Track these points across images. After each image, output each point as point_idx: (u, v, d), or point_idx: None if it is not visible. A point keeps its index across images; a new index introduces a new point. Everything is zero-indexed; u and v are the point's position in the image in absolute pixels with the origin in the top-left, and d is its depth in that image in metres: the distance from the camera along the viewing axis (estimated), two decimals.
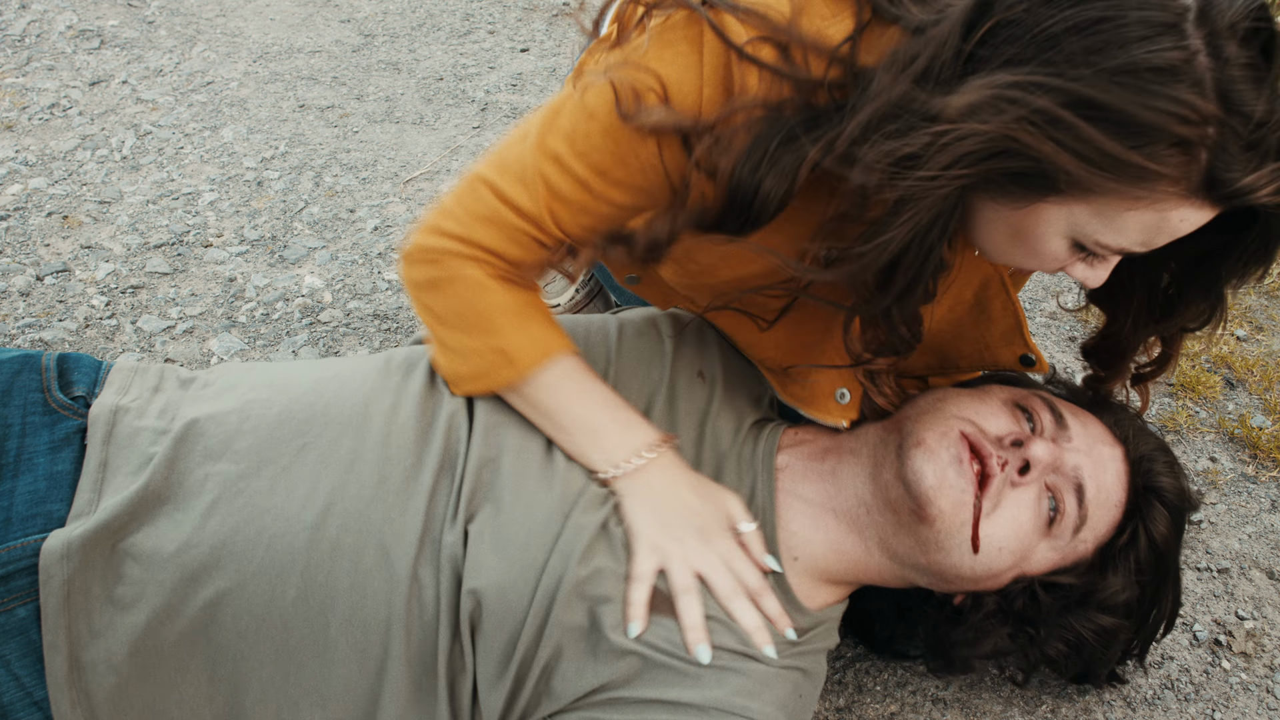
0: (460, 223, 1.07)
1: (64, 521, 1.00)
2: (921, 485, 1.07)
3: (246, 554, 0.99)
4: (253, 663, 0.98)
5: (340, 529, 1.00)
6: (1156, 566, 1.15)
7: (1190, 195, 0.82)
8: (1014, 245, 0.93)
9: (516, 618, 1.00)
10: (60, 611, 0.96)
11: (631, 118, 0.96)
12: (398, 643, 0.99)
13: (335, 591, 0.99)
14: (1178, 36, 0.78)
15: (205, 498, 1.01)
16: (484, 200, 1.06)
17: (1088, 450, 1.12)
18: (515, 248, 1.07)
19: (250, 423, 1.07)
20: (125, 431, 1.07)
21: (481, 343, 1.09)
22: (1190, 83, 0.78)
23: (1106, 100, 0.78)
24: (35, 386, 1.10)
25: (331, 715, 0.99)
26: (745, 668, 1.03)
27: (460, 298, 1.08)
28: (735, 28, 0.92)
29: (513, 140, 1.07)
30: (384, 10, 3.26)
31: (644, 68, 0.96)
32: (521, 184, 1.04)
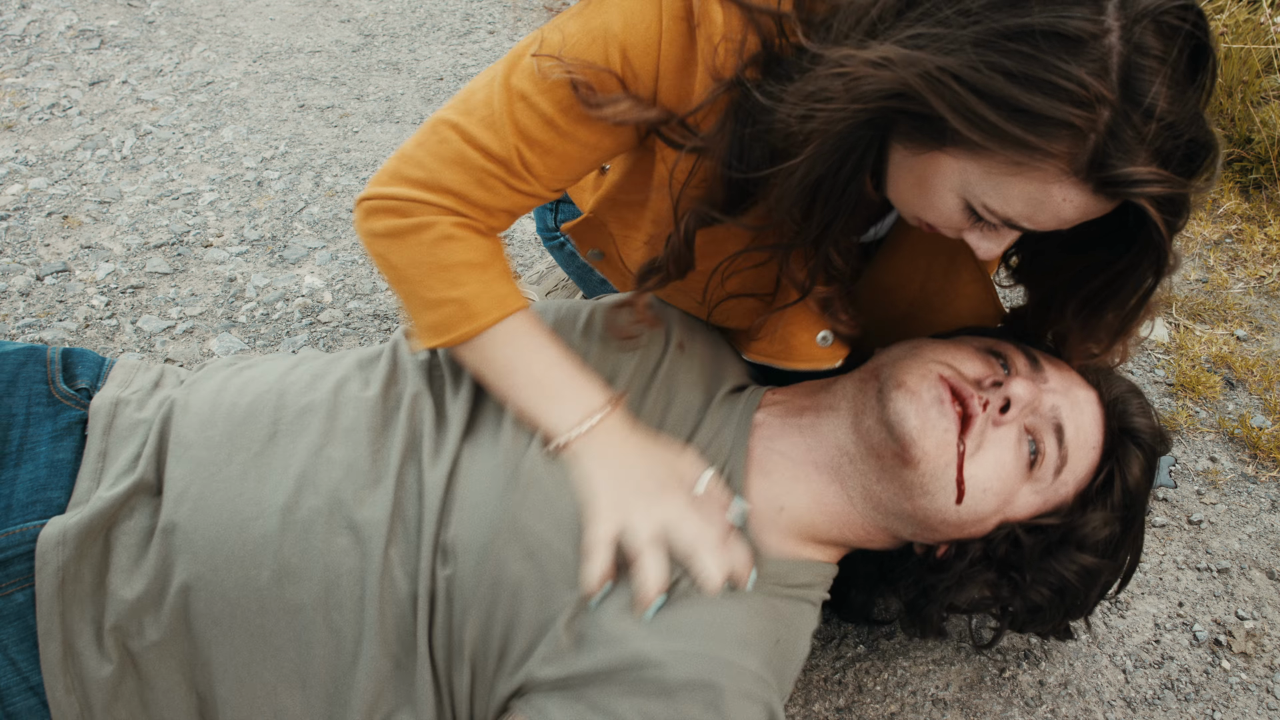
0: (424, 168, 1.06)
1: (63, 508, 1.03)
2: (905, 426, 1.06)
3: (219, 539, 1.00)
4: (228, 647, 0.99)
5: (312, 511, 1.02)
6: (1128, 506, 1.15)
7: (1072, 174, 0.82)
8: (915, 195, 0.95)
9: (481, 589, 1.00)
10: (55, 598, 0.98)
11: (594, 110, 0.98)
12: (372, 622, 0.99)
13: (308, 574, 1.00)
14: (1094, 10, 0.78)
15: (179, 485, 1.03)
16: (449, 143, 1.05)
17: (1064, 392, 1.11)
18: (483, 191, 1.05)
19: (222, 411, 1.09)
20: (125, 423, 1.10)
21: (441, 294, 1.07)
22: (1092, 59, 0.78)
23: (1002, 66, 0.79)
24: (40, 378, 1.12)
25: (311, 696, 1.00)
26: (708, 618, 1.00)
27: (422, 247, 1.06)
28: None
29: (478, 84, 1.06)
30: (384, 10, 3.26)
31: (600, 27, 0.97)
32: (487, 125, 1.03)
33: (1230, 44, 2.42)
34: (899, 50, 0.83)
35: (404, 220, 1.06)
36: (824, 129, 0.89)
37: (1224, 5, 2.54)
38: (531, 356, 1.10)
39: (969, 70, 0.80)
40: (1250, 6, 2.55)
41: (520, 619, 1.00)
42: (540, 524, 1.02)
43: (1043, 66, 0.78)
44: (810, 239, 1.01)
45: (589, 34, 0.99)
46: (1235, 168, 2.40)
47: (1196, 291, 2.12)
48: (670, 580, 1.01)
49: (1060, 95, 0.78)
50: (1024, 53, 0.78)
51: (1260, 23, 2.43)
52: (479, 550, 1.01)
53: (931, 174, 0.91)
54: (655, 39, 0.97)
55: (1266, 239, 2.24)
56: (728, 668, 0.96)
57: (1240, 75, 2.40)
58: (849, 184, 0.94)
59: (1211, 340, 1.98)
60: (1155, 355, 1.95)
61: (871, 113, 0.87)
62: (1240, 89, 2.39)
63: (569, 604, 0.99)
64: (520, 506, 1.03)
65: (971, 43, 0.80)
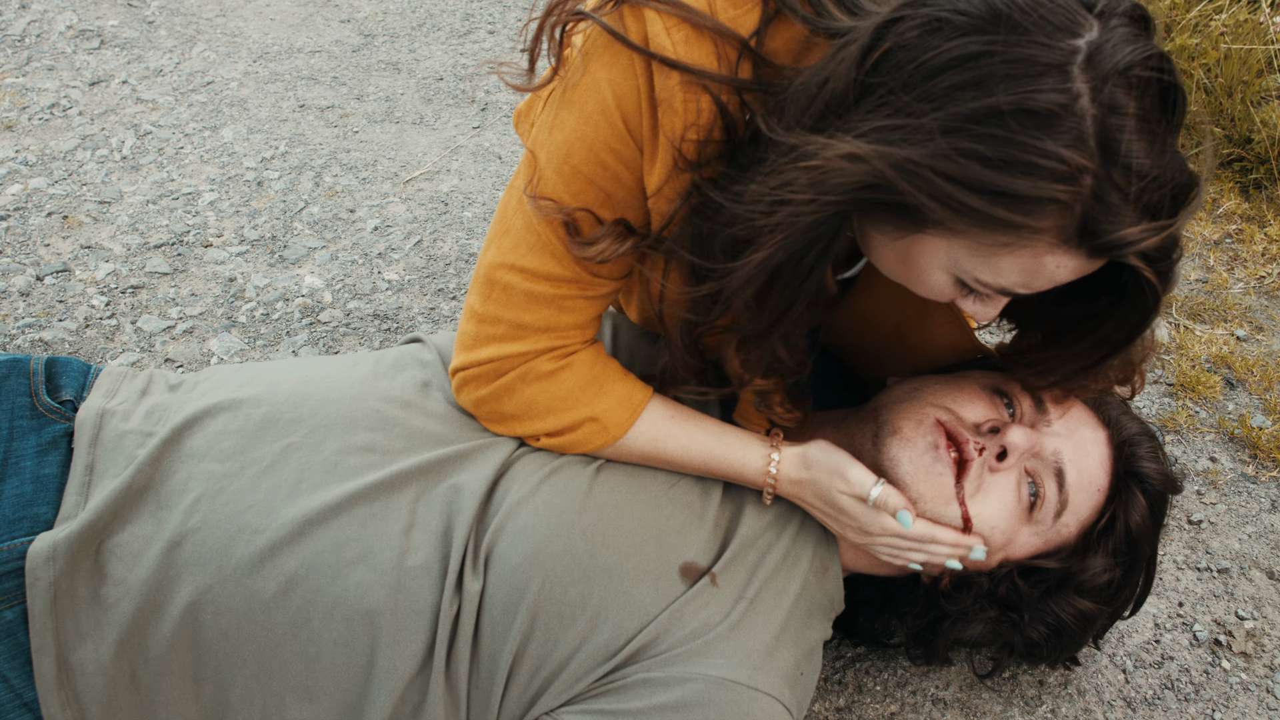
0: (502, 321, 1.06)
1: (51, 524, 1.00)
2: (898, 471, 1.09)
3: (226, 551, 0.99)
4: (235, 659, 0.98)
5: (322, 526, 1.01)
6: (1129, 551, 1.15)
7: (1064, 243, 0.80)
8: (901, 271, 0.93)
9: (526, 607, 1.01)
10: (47, 614, 0.96)
11: (583, 250, 1.00)
12: (386, 636, 0.99)
13: (316, 587, 0.99)
14: (1061, 78, 0.75)
15: (188, 496, 1.02)
16: (515, 287, 1.05)
17: (1068, 434, 1.12)
18: (566, 314, 1.06)
19: (236, 422, 1.08)
20: (111, 435, 1.08)
21: (569, 420, 1.09)
22: (1068, 130, 0.75)
23: (976, 153, 0.76)
24: (23, 390, 1.09)
25: (320, 709, 1.00)
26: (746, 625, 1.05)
27: (532, 389, 1.08)
28: (655, 21, 0.92)
29: (510, 213, 1.06)
30: (384, 10, 3.26)
31: (561, 155, 0.98)
32: (542, 252, 1.03)
33: (1230, 44, 2.42)
34: (867, 145, 0.80)
35: (504, 379, 1.08)
36: (791, 221, 0.86)
37: (1224, 5, 2.54)
38: (681, 444, 1.11)
39: (943, 160, 0.77)
40: (1250, 6, 2.54)
41: (570, 642, 1.01)
42: (605, 551, 1.04)
43: (1018, 148, 0.75)
44: (762, 328, 0.98)
45: (556, 167, 0.99)
46: (1235, 168, 2.40)
47: (1196, 291, 2.12)
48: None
49: (1041, 173, 0.75)
50: (996, 136, 0.75)
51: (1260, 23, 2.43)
52: (523, 568, 1.02)
53: (916, 254, 0.89)
54: (617, 145, 0.97)
55: (1266, 239, 2.24)
56: (768, 703, 1.01)
57: (1240, 75, 2.40)
58: (810, 273, 0.92)
59: (1211, 340, 1.98)
60: (1155, 355, 1.95)
61: (842, 204, 0.84)
62: (1240, 89, 2.39)
63: (626, 631, 1.02)
64: (580, 529, 1.04)
65: (940, 131, 0.77)
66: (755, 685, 1.01)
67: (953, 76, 0.77)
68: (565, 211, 0.99)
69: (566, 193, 1.00)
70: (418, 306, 2.02)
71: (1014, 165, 0.75)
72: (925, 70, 0.78)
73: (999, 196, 0.77)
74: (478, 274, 1.08)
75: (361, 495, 1.03)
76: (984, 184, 0.76)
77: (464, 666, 1.01)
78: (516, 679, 1.01)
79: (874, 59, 0.81)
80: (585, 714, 1.00)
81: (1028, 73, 0.75)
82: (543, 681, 1.01)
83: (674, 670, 1.00)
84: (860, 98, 0.83)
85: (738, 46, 0.92)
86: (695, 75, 0.91)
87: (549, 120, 1.00)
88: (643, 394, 1.12)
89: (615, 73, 0.94)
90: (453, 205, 2.32)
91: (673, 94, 0.92)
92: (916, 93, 0.78)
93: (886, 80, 0.80)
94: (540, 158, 1.00)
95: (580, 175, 0.98)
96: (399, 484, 1.05)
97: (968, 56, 0.76)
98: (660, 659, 1.01)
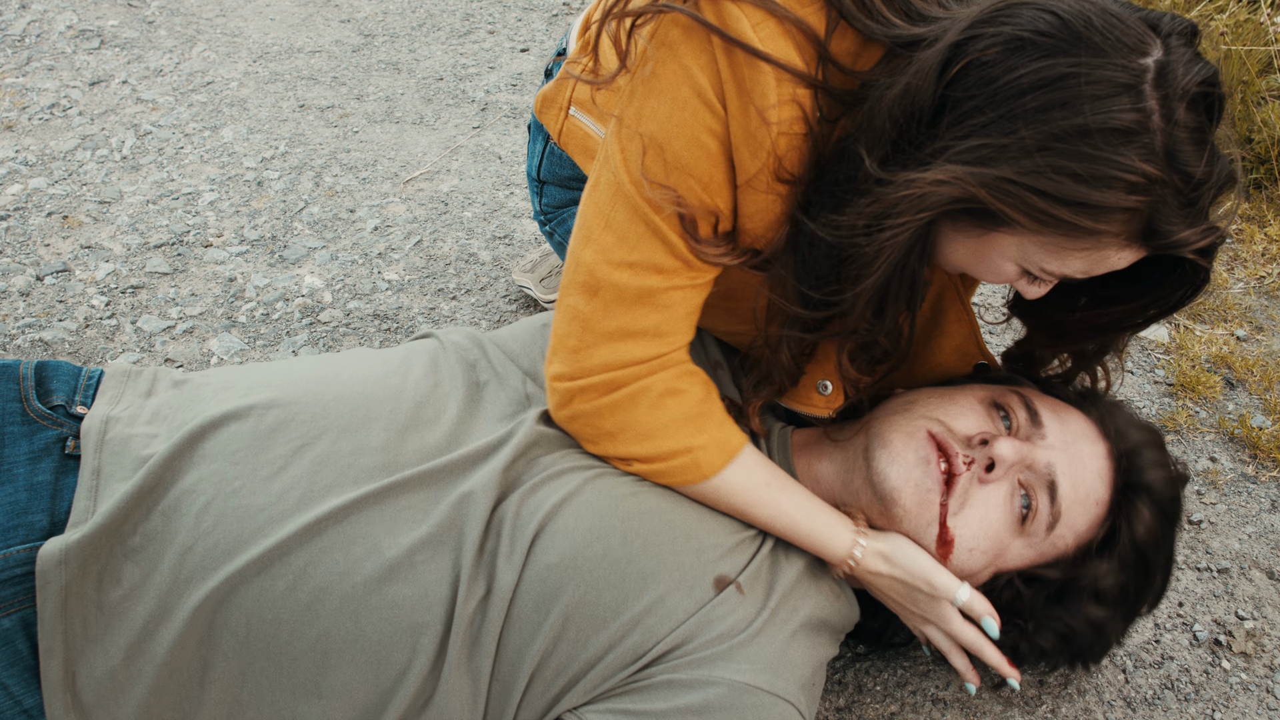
0: (610, 323, 1.05)
1: (47, 532, 1.00)
2: (885, 485, 1.10)
3: (238, 552, 0.99)
4: (245, 658, 0.98)
5: (333, 525, 1.01)
6: (1138, 562, 1.15)
7: (1130, 242, 0.90)
8: (969, 263, 1.00)
9: (557, 606, 1.02)
10: (57, 617, 0.96)
11: (700, 247, 1.03)
12: (396, 632, 0.99)
13: (325, 585, 0.99)
14: (1136, 98, 0.83)
15: (200, 499, 1.01)
16: (628, 285, 1.04)
17: (1064, 447, 1.12)
18: (674, 310, 1.06)
19: (248, 424, 1.07)
20: (118, 438, 1.07)
21: (664, 447, 1.09)
22: (1141, 146, 0.83)
23: (1064, 168, 0.84)
24: (13, 396, 1.08)
25: (331, 706, 0.99)
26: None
27: (635, 417, 1.07)
28: (739, 17, 0.93)
29: (593, 222, 1.05)
30: (384, 10, 3.26)
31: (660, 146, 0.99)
32: (646, 243, 1.02)
33: (1230, 44, 2.42)
34: (961, 168, 0.87)
35: (617, 394, 1.07)
36: (892, 242, 0.94)
37: (1224, 5, 2.54)
38: (770, 506, 1.12)
39: (1034, 176, 0.85)
40: (1250, 6, 2.54)
41: (601, 644, 1.02)
42: (644, 556, 1.04)
43: (1103, 163, 0.83)
44: (883, 331, 1.06)
45: (655, 156, 0.99)
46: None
47: None
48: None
49: (1120, 185, 0.84)
50: (1083, 152, 0.83)
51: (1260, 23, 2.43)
52: (560, 567, 1.02)
53: (988, 248, 0.96)
54: (715, 126, 0.98)
55: (1266, 239, 2.24)
56: (787, 709, 1.03)
57: (1240, 75, 2.40)
58: (916, 277, 0.99)
59: (1211, 340, 1.98)
60: (1155, 355, 1.95)
61: (935, 217, 0.93)
62: (1240, 89, 2.39)
63: (656, 634, 1.03)
64: (620, 533, 1.05)
65: (1027, 149, 0.85)
66: (776, 691, 1.02)
67: (1041, 96, 0.84)
68: (679, 201, 1.00)
69: (667, 180, 1.00)
70: (418, 306, 2.02)
71: (1097, 179, 0.84)
72: (1013, 89, 0.85)
73: (1082, 208, 0.85)
74: (575, 275, 1.06)
75: (373, 496, 1.03)
76: (1070, 197, 0.85)
77: (487, 661, 1.01)
78: (541, 676, 1.02)
79: (953, 73, 0.88)
80: (609, 713, 1.01)
81: (1108, 93, 0.83)
82: (568, 680, 1.02)
83: (698, 673, 1.01)
84: (941, 111, 0.89)
85: (815, 46, 0.95)
86: (786, 70, 0.94)
87: (635, 112, 1.00)
88: (740, 440, 1.12)
89: (702, 58, 0.95)
90: (453, 205, 2.32)
91: (765, 87, 0.94)
92: (1004, 110, 0.86)
93: (969, 96, 0.87)
94: (632, 150, 1.00)
95: (680, 163, 0.99)
96: (411, 484, 1.05)
97: (1055, 78, 0.84)
98: (685, 661, 1.02)
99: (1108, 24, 0.85)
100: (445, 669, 1.00)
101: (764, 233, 1.04)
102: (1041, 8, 0.87)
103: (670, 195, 0.99)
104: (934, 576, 1.11)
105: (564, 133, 1.29)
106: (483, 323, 1.98)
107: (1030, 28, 0.86)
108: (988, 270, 0.99)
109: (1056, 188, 0.85)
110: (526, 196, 2.34)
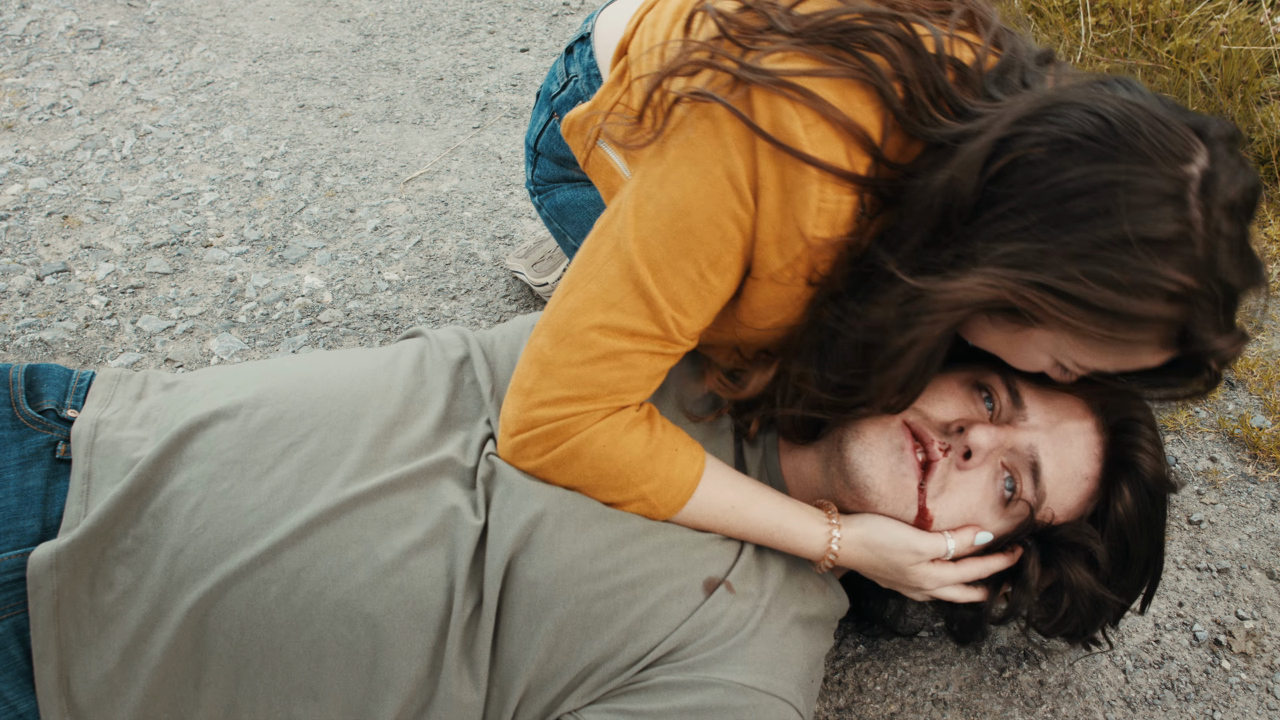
0: (568, 375, 1.04)
1: (38, 537, 0.99)
2: (858, 475, 1.11)
3: (230, 554, 0.99)
4: (240, 661, 0.98)
5: (325, 527, 1.01)
6: (1119, 538, 1.15)
7: (1165, 347, 0.91)
8: (1001, 350, 1.02)
9: (553, 612, 1.02)
10: (50, 621, 0.96)
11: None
12: (389, 637, 0.99)
13: (319, 589, 0.99)
14: (1179, 208, 0.83)
15: (190, 500, 1.01)
16: (595, 345, 1.03)
17: (1048, 427, 1.12)
18: (638, 371, 1.05)
19: (236, 424, 1.07)
20: (108, 441, 1.07)
21: (618, 497, 1.09)
22: (1183, 257, 0.84)
23: (1102, 276, 0.84)
24: (3, 401, 1.07)
25: (326, 709, 0.99)
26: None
27: (593, 467, 1.06)
28: (791, 117, 0.92)
29: (591, 271, 1.04)
30: (384, 10, 3.26)
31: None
32: (633, 310, 1.02)
33: (1230, 44, 2.42)
34: (999, 271, 0.87)
35: (561, 449, 1.06)
36: (926, 336, 0.95)
37: (1224, 5, 2.54)
38: (739, 524, 1.12)
39: (1072, 284, 0.85)
40: (1250, 6, 2.54)
41: (595, 653, 1.02)
42: (631, 567, 1.05)
43: (1141, 272, 0.84)
44: (907, 403, 1.08)
45: (669, 221, 0.99)
46: None
47: None
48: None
49: (1159, 295, 0.84)
50: (1121, 261, 0.84)
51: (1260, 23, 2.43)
52: (546, 582, 1.02)
53: (1023, 340, 0.97)
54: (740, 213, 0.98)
55: (1266, 239, 2.24)
56: (784, 709, 1.03)
57: (1240, 75, 2.40)
58: (935, 357, 1.02)
59: None
60: None
61: (970, 315, 0.94)
62: (1240, 89, 2.39)
63: (650, 640, 1.03)
64: (606, 542, 1.05)
65: (1068, 256, 0.85)
66: (774, 691, 1.02)
67: (1085, 203, 0.84)
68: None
69: (674, 247, 0.99)
70: (418, 306, 2.02)
71: (1136, 289, 0.84)
72: (1057, 192, 0.86)
73: (1120, 317, 0.86)
74: (555, 318, 1.05)
75: (364, 496, 1.03)
76: (1109, 306, 0.85)
77: (484, 667, 1.01)
78: (538, 681, 1.02)
79: (997, 168, 0.88)
80: (607, 713, 1.01)
81: (1152, 202, 0.84)
82: (566, 685, 1.02)
83: (696, 674, 1.02)
84: (983, 206, 0.89)
85: (867, 148, 0.95)
86: (833, 173, 0.94)
87: (659, 172, 0.99)
88: (695, 470, 1.10)
89: (743, 144, 0.95)
90: (453, 205, 2.32)
91: (808, 191, 0.94)
92: (1046, 213, 0.86)
93: (1012, 194, 0.88)
94: (647, 209, 1.00)
95: (693, 234, 0.98)
96: (399, 485, 1.05)
97: (1100, 185, 0.84)
98: (682, 663, 1.02)
99: (1154, 130, 0.85)
100: (443, 673, 1.00)
101: (770, 319, 1.05)
102: (1089, 109, 0.86)
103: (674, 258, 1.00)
104: (917, 542, 1.11)
105: (590, 163, 1.26)
106: (482, 323, 1.98)
107: (1077, 130, 0.85)
108: (1020, 359, 1.00)
109: (1096, 296, 0.85)
110: (527, 196, 2.34)
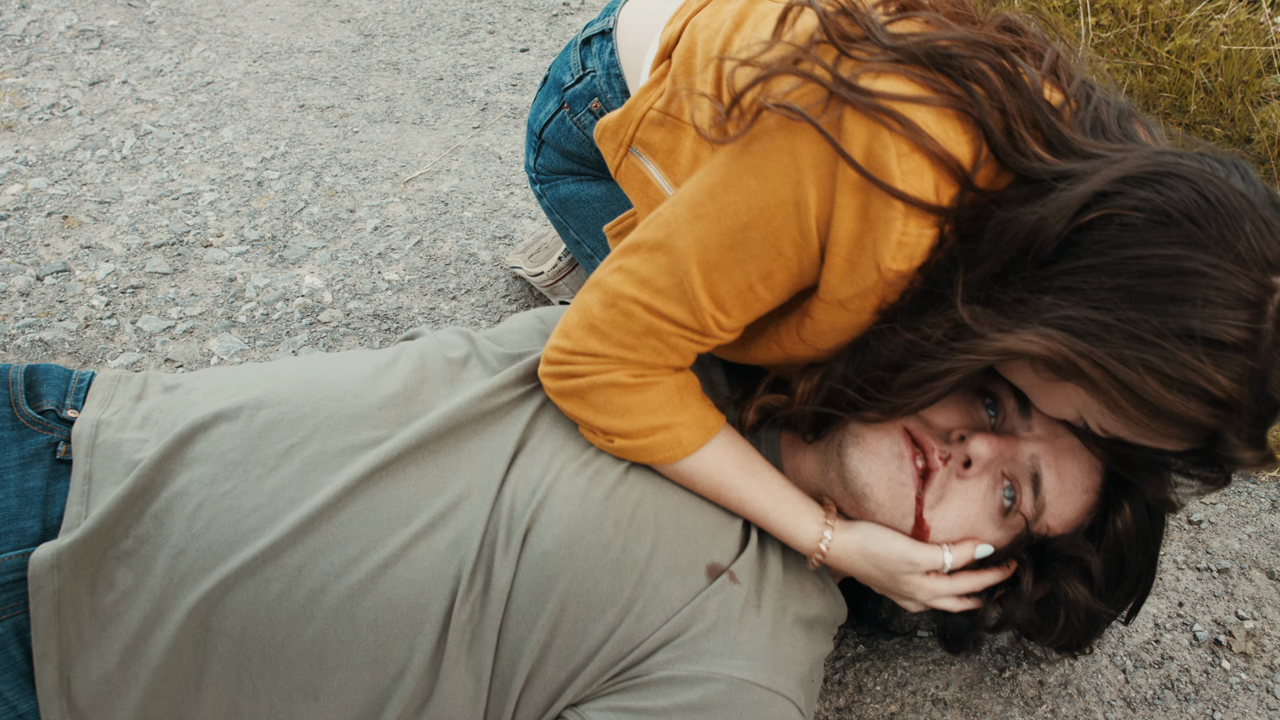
0: (610, 339, 1.06)
1: (38, 538, 0.99)
2: (856, 482, 1.11)
3: (231, 554, 0.99)
4: (241, 661, 0.98)
5: (325, 523, 1.01)
6: (1116, 551, 1.15)
7: (1192, 443, 0.89)
8: (1032, 391, 1.01)
9: (552, 600, 1.02)
10: (51, 621, 0.96)
11: (724, 323, 1.05)
12: (393, 631, 0.99)
13: (320, 586, 0.99)
14: (1254, 317, 0.81)
15: (192, 501, 1.01)
16: (636, 318, 1.05)
17: (1051, 438, 1.11)
18: (671, 353, 1.07)
19: (237, 425, 1.07)
20: (108, 442, 1.07)
21: (643, 423, 1.09)
22: (1239, 365, 0.81)
23: (1154, 365, 0.82)
24: (2, 401, 1.07)
25: (328, 707, 0.99)
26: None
27: (616, 393, 1.08)
28: (887, 145, 0.90)
29: (655, 240, 1.05)
30: (384, 10, 3.26)
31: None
32: (678, 300, 1.03)
33: (1230, 44, 2.42)
34: (1056, 333, 0.86)
35: (586, 379, 1.08)
36: (964, 369, 0.95)
37: (1224, 5, 2.54)
38: (743, 490, 1.12)
39: (1120, 366, 0.83)
40: (1250, 6, 2.54)
41: (598, 634, 1.02)
42: (637, 544, 1.05)
43: (1192, 371, 0.81)
44: (915, 410, 1.06)
45: (727, 228, 0.99)
46: None
47: None
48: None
49: (1202, 396, 0.82)
50: (1178, 356, 0.82)
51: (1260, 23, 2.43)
52: (555, 555, 1.02)
53: (1057, 390, 0.95)
54: (800, 241, 0.97)
55: None
56: (785, 706, 1.03)
57: (1240, 75, 2.40)
58: (964, 379, 1.00)
59: None
60: None
61: (1014, 359, 0.92)
62: (1240, 89, 2.39)
63: (652, 624, 1.03)
64: (613, 520, 1.05)
65: (1128, 336, 0.83)
66: (774, 688, 1.02)
67: (1164, 285, 0.82)
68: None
69: (728, 255, 0.99)
70: (418, 306, 2.02)
71: (1182, 386, 0.82)
72: (1140, 266, 0.83)
73: (1158, 410, 0.84)
74: (608, 275, 1.07)
75: (364, 492, 1.03)
76: (1149, 396, 0.83)
77: (488, 656, 1.01)
78: (540, 669, 1.02)
79: (1088, 219, 0.86)
80: (609, 711, 1.01)
81: (1229, 304, 0.81)
82: (568, 674, 1.02)
83: (697, 669, 1.01)
84: (1062, 253, 0.87)
85: (957, 179, 0.93)
86: (920, 208, 0.92)
87: (727, 175, 0.99)
88: (718, 420, 1.13)
89: (822, 169, 0.93)
90: (453, 205, 2.32)
91: (891, 222, 0.92)
92: (1122, 282, 0.84)
93: (1095, 251, 0.86)
94: (707, 208, 1.00)
95: (748, 247, 0.98)
96: (402, 480, 1.05)
97: (1186, 271, 0.82)
98: (682, 655, 1.02)
99: (1258, 231, 0.82)
100: (444, 666, 1.00)
101: (833, 340, 1.05)
102: (1199, 189, 0.83)
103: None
104: (914, 554, 1.10)
105: (622, 169, 1.26)
106: (482, 323, 1.98)
107: (1180, 208, 0.83)
108: (1046, 404, 1.00)
109: (1141, 384, 0.83)
110: (527, 196, 2.34)
